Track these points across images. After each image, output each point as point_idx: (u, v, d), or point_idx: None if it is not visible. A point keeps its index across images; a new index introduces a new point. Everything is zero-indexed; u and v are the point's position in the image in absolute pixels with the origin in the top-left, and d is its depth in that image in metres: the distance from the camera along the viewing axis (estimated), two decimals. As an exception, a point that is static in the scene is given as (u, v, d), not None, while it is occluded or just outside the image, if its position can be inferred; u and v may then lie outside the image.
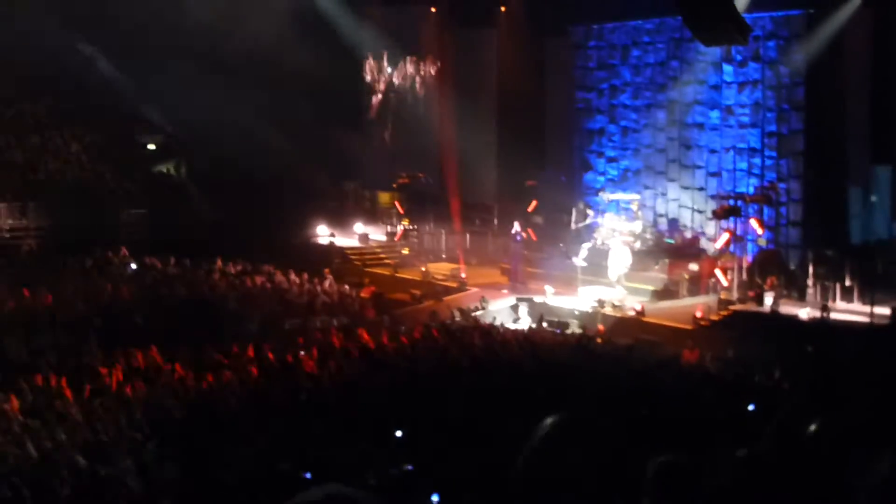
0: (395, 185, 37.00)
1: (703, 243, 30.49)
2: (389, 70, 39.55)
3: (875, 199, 28.34)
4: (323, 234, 36.69)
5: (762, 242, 28.88)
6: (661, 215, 32.68)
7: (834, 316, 24.28)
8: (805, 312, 24.77)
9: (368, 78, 40.15)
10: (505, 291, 29.68)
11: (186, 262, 30.87)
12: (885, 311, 23.60)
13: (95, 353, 20.48)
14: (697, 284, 28.06)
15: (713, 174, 31.31)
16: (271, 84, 37.78)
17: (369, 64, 40.09)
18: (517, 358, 21.31)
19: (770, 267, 27.51)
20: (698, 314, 25.60)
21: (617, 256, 28.79)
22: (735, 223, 28.12)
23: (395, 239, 35.98)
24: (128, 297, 26.91)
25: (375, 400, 16.36)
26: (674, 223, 31.98)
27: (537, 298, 28.39)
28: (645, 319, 26.21)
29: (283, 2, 38.05)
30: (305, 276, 30.56)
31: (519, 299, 28.50)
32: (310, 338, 22.68)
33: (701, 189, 31.65)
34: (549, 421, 2.90)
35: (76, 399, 16.83)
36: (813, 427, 3.99)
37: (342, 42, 40.20)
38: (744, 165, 30.46)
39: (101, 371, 18.83)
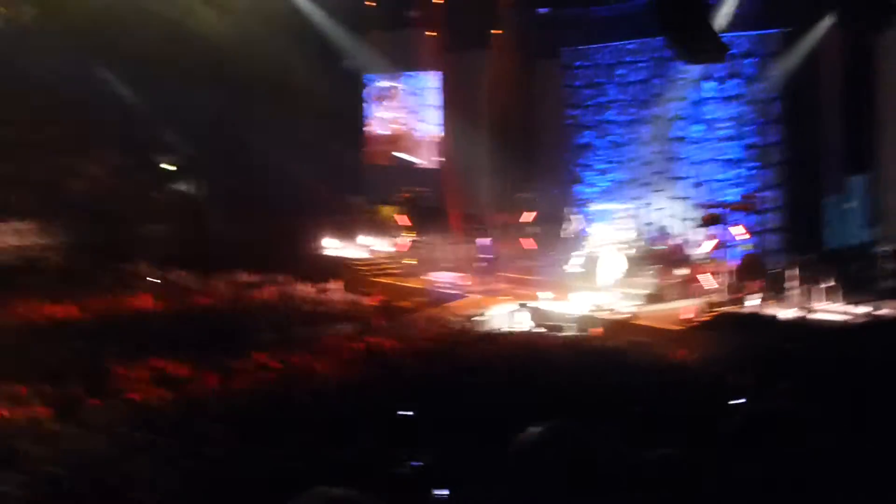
0: (398, 200, 36.97)
1: (690, 250, 30.49)
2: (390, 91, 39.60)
3: (850, 205, 28.38)
4: (331, 246, 36.64)
5: (745, 248, 28.90)
6: (648, 224, 32.67)
7: (812, 316, 24.31)
8: (785, 313, 24.80)
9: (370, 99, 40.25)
10: (504, 298, 29.67)
11: (203, 274, 30.87)
12: (859, 310, 23.65)
13: (117, 361, 20.48)
14: (685, 288, 28.08)
15: (697, 185, 31.31)
16: (275, 102, 37.74)
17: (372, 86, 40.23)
18: (517, 358, 21.33)
19: (752, 271, 27.52)
20: (686, 316, 25.63)
21: (609, 263, 28.79)
22: (719, 230, 28.13)
23: (399, 250, 35.93)
24: (148, 309, 26.94)
25: (383, 401, 16.34)
26: (661, 231, 31.97)
27: (534, 304, 28.38)
28: (636, 322, 26.19)
29: (284, 22, 38.03)
30: (315, 286, 30.52)
31: (519, 305, 28.48)
32: (320, 344, 22.68)
33: (686, 199, 31.64)
34: (530, 431, 2.82)
35: (98, 405, 16.84)
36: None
37: (343, 62, 40.27)
38: (725, 176, 30.48)
39: (123, 378, 18.86)
